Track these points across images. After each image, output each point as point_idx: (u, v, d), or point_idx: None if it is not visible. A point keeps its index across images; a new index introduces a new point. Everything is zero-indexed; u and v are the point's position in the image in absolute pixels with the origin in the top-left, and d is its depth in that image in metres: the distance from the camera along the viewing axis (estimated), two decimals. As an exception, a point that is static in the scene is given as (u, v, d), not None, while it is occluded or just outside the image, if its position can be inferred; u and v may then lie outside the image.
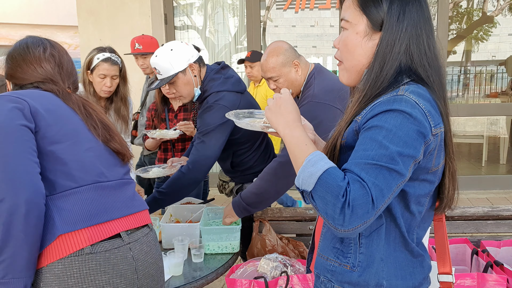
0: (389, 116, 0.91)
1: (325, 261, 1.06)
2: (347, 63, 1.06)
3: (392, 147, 0.88)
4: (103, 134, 1.31)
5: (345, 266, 1.02)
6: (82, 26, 4.95)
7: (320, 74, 1.97)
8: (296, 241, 1.98)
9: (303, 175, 0.92)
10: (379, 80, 0.98)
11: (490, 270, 1.74)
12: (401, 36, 0.98)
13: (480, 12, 9.04)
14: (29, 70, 1.29)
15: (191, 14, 5.68)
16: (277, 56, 1.93)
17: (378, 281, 1.00)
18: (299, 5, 5.62)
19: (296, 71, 1.95)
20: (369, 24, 1.00)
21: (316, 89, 1.90)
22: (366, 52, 1.01)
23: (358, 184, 0.86)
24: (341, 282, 1.02)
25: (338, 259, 1.03)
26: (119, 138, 1.36)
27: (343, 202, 0.85)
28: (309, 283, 1.66)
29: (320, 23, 5.69)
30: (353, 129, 0.99)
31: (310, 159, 0.92)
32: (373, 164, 0.88)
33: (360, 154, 0.91)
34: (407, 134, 0.90)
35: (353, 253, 1.02)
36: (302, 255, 1.95)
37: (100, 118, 1.33)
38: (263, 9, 5.38)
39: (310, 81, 1.95)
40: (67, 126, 1.22)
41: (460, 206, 1.94)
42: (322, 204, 0.88)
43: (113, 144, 1.32)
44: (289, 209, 2.11)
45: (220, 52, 5.75)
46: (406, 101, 0.92)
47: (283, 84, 1.96)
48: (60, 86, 1.31)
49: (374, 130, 0.91)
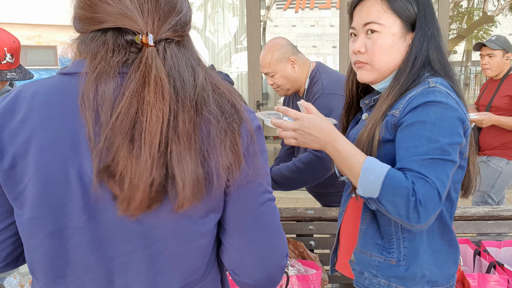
0: (428, 110, 0.97)
1: (368, 257, 1.10)
2: (379, 64, 1.09)
3: (442, 139, 0.94)
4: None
5: (390, 261, 1.07)
6: (82, 25, 4.93)
7: (324, 70, 1.99)
8: (296, 241, 1.98)
9: (364, 185, 0.95)
10: (411, 75, 1.05)
11: (493, 271, 1.74)
12: (427, 35, 1.07)
13: (480, 11, 9.03)
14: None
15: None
16: (273, 52, 1.96)
17: (423, 272, 1.05)
18: (299, 4, 5.63)
19: (292, 67, 1.97)
20: (403, 26, 1.07)
21: (325, 82, 1.91)
22: (401, 51, 1.08)
23: (422, 181, 0.91)
24: (387, 277, 1.07)
25: (382, 255, 1.08)
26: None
27: (414, 201, 0.90)
28: (309, 283, 1.66)
29: (320, 22, 5.69)
30: (391, 123, 1.03)
31: (366, 168, 0.95)
32: (429, 159, 0.93)
33: (412, 151, 0.95)
34: (449, 123, 0.96)
35: (396, 248, 1.07)
36: (302, 255, 1.95)
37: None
38: (263, 9, 5.38)
39: (316, 76, 1.96)
40: None
41: (460, 207, 1.94)
42: (392, 207, 0.92)
43: None
44: (289, 209, 2.10)
45: (220, 52, 5.74)
46: (439, 92, 0.99)
47: (279, 79, 1.98)
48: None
49: (418, 126, 0.97)
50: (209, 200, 0.72)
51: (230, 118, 0.72)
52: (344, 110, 1.29)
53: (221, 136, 0.70)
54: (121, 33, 0.70)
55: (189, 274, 0.77)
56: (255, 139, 0.76)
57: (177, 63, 0.70)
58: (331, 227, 1.95)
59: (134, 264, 0.73)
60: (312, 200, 2.26)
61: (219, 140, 0.70)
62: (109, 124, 0.65)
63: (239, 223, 0.78)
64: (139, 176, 0.64)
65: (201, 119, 0.69)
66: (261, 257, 0.79)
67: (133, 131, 0.65)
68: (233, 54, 5.70)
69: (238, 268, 0.81)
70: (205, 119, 0.69)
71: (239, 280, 0.83)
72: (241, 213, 0.77)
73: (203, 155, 0.69)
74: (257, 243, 0.78)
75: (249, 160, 0.74)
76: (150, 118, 0.65)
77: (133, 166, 0.64)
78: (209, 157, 0.69)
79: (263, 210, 0.78)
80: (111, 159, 0.65)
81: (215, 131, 0.70)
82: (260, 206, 0.78)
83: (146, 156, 0.64)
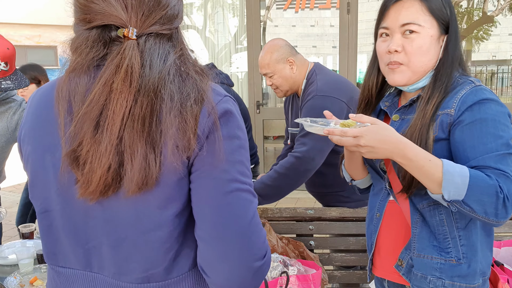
0: (485, 107, 1.01)
1: (430, 260, 1.10)
2: (416, 65, 1.10)
3: (504, 135, 0.99)
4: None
5: (450, 261, 1.08)
6: (82, 26, 4.93)
7: (321, 71, 1.99)
8: (296, 241, 1.98)
9: (451, 189, 0.95)
10: (452, 76, 1.09)
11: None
12: (457, 37, 1.12)
13: (480, 11, 9.03)
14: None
15: (191, 14, 5.68)
16: (271, 53, 1.97)
17: (480, 266, 1.09)
18: (299, 5, 5.62)
19: (291, 68, 1.98)
20: (439, 28, 1.10)
21: (319, 84, 1.91)
22: (437, 53, 1.11)
23: (503, 177, 0.95)
24: (451, 277, 1.08)
25: (441, 256, 1.09)
26: None
27: (503, 198, 0.93)
28: (309, 283, 1.65)
29: (320, 23, 5.69)
30: (447, 123, 1.05)
31: (447, 171, 0.96)
32: (500, 155, 0.97)
33: (482, 148, 0.99)
34: (505, 118, 1.02)
35: (453, 247, 1.08)
36: (302, 255, 1.95)
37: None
38: (263, 9, 5.38)
39: (312, 78, 1.97)
40: None
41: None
42: (479, 206, 0.94)
43: None
44: (289, 209, 2.10)
45: (220, 52, 5.74)
46: (485, 89, 1.04)
47: (278, 80, 1.99)
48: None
49: (480, 123, 1.00)
50: (166, 186, 0.71)
51: (187, 98, 0.71)
52: (361, 110, 1.26)
53: (172, 116, 0.69)
54: (105, 30, 0.74)
55: (150, 266, 0.76)
56: (218, 123, 0.72)
57: (153, 54, 0.72)
58: (331, 227, 1.95)
59: (103, 248, 0.78)
60: (312, 200, 2.26)
61: (170, 121, 0.69)
62: (80, 111, 0.70)
63: (202, 212, 0.73)
64: (98, 161, 0.69)
65: (161, 102, 0.70)
66: (227, 254, 0.73)
67: (99, 118, 0.70)
68: (233, 54, 5.70)
69: (205, 265, 0.76)
70: (162, 101, 0.70)
71: (207, 279, 0.77)
72: (204, 201, 0.73)
73: (155, 138, 0.70)
74: (222, 237, 0.72)
75: (208, 143, 0.72)
76: (115, 105, 0.69)
77: (94, 151, 0.69)
78: (160, 139, 0.70)
79: (229, 200, 0.72)
80: (77, 144, 0.70)
81: (166, 111, 0.70)
82: (226, 195, 0.72)
83: (106, 142, 0.68)
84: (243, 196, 0.74)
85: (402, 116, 1.16)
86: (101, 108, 0.69)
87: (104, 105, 0.69)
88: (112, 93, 0.69)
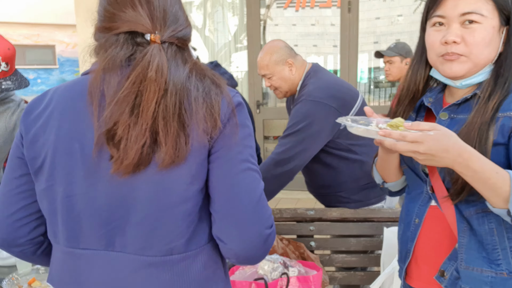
0: None
1: (479, 273, 1.01)
2: (477, 57, 1.01)
3: None
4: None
5: (501, 274, 0.99)
6: (80, 25, 4.92)
7: (317, 73, 1.98)
8: (296, 242, 1.97)
9: None
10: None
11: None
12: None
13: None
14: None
15: (190, 13, 5.67)
16: (270, 55, 1.97)
17: None
18: (299, 3, 5.61)
19: (289, 70, 1.97)
20: (500, 19, 1.02)
21: (311, 87, 1.91)
22: (497, 45, 1.03)
23: None
24: None
25: (491, 268, 1.00)
26: None
27: None
28: (310, 284, 1.64)
29: (320, 21, 5.67)
30: (508, 126, 0.97)
31: None
32: None
33: None
34: None
35: (503, 259, 1.00)
36: (302, 256, 1.93)
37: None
38: (263, 8, 5.36)
39: (306, 80, 1.97)
40: None
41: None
42: None
43: None
44: (290, 209, 2.09)
45: (220, 51, 5.73)
46: None
47: (276, 82, 1.99)
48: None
49: None
50: (194, 164, 0.83)
51: (210, 90, 0.85)
52: (403, 108, 1.16)
53: (200, 102, 0.83)
54: (132, 35, 0.85)
55: (174, 237, 0.85)
56: (235, 111, 0.86)
57: (176, 57, 0.86)
58: (332, 228, 1.94)
59: (127, 227, 0.85)
60: (313, 200, 2.25)
61: (198, 106, 0.82)
62: (115, 99, 0.80)
63: (220, 188, 0.85)
64: (134, 138, 0.79)
65: (188, 91, 0.83)
66: (242, 223, 0.85)
67: (135, 101, 0.80)
68: (233, 53, 5.68)
69: (222, 234, 0.87)
70: (189, 91, 0.83)
71: (224, 247, 0.88)
72: (222, 178, 0.85)
73: (185, 120, 0.82)
74: (237, 209, 0.85)
75: (228, 128, 0.85)
76: (148, 92, 0.80)
77: (131, 129, 0.79)
78: (189, 122, 0.82)
79: (243, 176, 0.85)
80: (112, 124, 0.79)
81: (194, 98, 0.83)
82: (240, 173, 0.85)
83: (142, 122, 0.79)
84: (253, 175, 0.87)
85: (452, 115, 1.06)
86: (136, 93, 0.80)
87: (138, 91, 0.80)
88: (145, 81, 0.80)
